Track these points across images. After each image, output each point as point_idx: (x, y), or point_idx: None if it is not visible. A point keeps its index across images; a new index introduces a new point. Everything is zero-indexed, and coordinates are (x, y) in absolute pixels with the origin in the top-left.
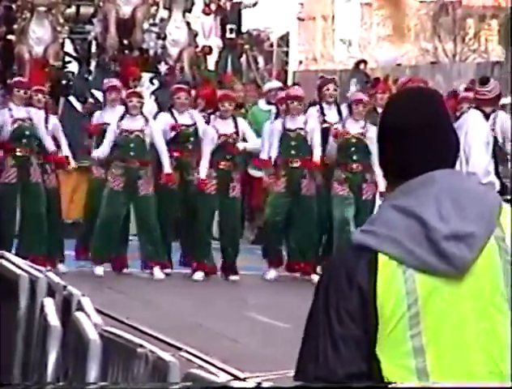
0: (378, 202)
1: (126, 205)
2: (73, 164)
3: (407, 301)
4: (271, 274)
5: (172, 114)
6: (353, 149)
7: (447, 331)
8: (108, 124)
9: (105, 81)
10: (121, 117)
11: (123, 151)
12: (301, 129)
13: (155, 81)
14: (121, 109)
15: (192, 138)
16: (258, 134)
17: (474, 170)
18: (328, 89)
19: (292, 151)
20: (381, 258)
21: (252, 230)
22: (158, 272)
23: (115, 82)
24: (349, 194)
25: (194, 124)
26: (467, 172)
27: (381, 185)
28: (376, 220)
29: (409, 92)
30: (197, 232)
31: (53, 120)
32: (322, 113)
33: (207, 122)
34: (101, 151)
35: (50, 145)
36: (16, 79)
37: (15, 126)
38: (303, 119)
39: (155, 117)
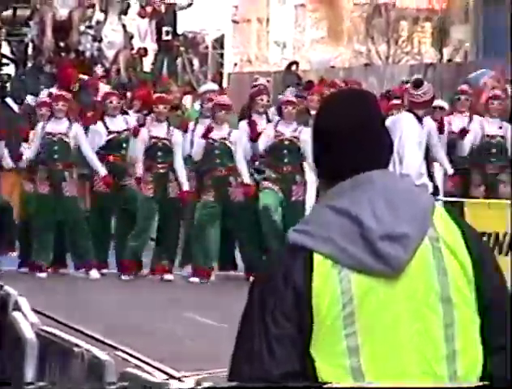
0: (309, 203)
1: (54, 208)
2: (10, 164)
3: (342, 300)
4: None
5: (103, 121)
6: (285, 151)
7: (382, 332)
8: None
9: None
10: (48, 120)
11: (47, 154)
12: (225, 139)
13: None
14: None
15: (125, 144)
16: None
17: (407, 171)
18: (262, 100)
19: (217, 160)
20: (317, 257)
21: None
22: (94, 273)
23: (45, 98)
24: (278, 192)
25: (128, 129)
26: (400, 173)
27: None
28: (310, 220)
29: (341, 95)
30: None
31: None
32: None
33: (143, 124)
34: (29, 154)
35: None
36: None
37: None
38: (228, 130)
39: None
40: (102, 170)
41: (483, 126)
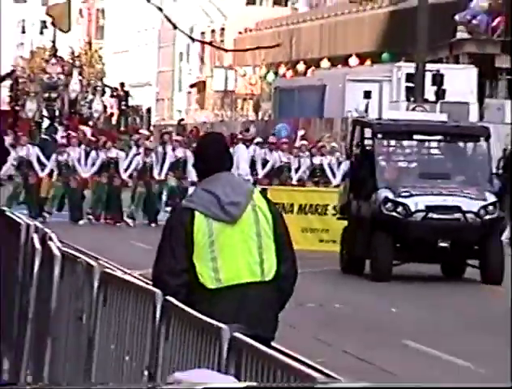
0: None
1: None
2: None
3: (208, 233)
4: None
5: None
6: None
7: (227, 249)
8: None
9: None
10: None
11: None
12: None
13: None
14: None
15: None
16: None
17: (241, 173)
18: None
19: None
20: (196, 213)
21: None
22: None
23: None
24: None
25: None
26: (237, 173)
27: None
28: (193, 195)
29: (209, 136)
30: None
31: None
32: None
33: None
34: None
35: None
36: None
37: None
38: None
39: None
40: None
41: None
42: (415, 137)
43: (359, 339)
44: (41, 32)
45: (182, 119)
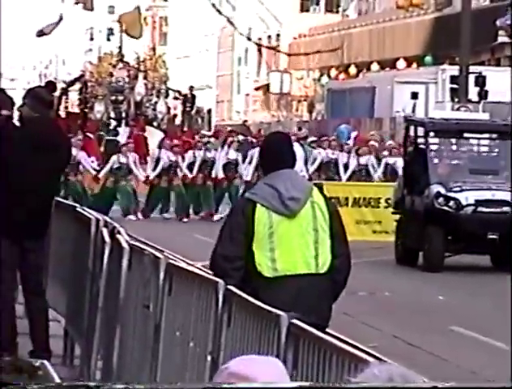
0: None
1: None
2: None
3: (268, 225)
4: None
5: None
6: None
7: (285, 241)
8: None
9: None
10: None
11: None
12: None
13: None
14: None
15: None
16: None
17: (296, 170)
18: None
19: None
20: (258, 205)
21: None
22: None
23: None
24: None
25: None
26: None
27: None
28: (256, 189)
29: (274, 134)
30: None
31: None
32: None
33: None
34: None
35: None
36: None
37: None
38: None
39: None
40: None
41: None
42: (465, 135)
43: (408, 325)
44: (108, 39)
45: (246, 120)
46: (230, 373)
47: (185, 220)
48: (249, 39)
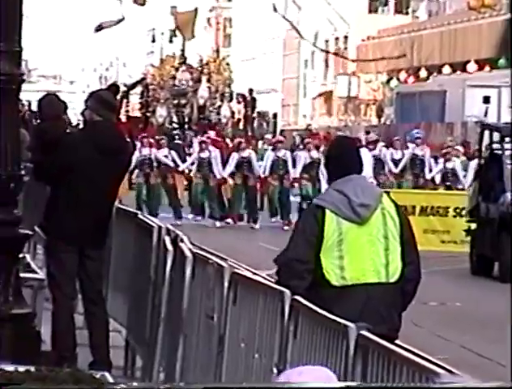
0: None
1: None
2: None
3: (337, 232)
4: None
5: None
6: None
7: (354, 249)
8: None
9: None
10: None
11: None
12: None
13: None
14: None
15: None
16: None
17: (365, 175)
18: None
19: None
20: (327, 211)
21: None
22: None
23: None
24: None
25: None
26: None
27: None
28: (325, 195)
29: (339, 139)
30: None
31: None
32: None
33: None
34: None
35: None
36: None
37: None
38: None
39: None
40: None
41: None
42: None
43: (479, 336)
44: (171, 41)
45: (309, 125)
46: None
47: (256, 226)
48: (314, 45)
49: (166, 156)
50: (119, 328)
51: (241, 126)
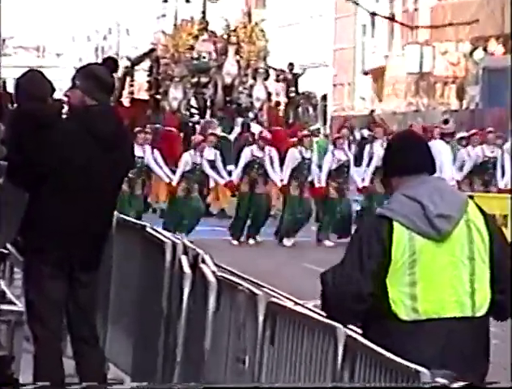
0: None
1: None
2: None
3: (408, 252)
4: None
5: None
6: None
7: (431, 273)
8: None
9: None
10: None
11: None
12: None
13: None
14: None
15: None
16: None
17: (444, 177)
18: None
19: None
20: (396, 224)
21: None
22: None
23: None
24: None
25: None
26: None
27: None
28: (391, 202)
29: (405, 133)
30: None
31: None
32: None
33: None
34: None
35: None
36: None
37: None
38: None
39: None
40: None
41: None
42: None
43: None
44: (187, 0)
45: (373, 110)
46: None
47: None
48: (374, 14)
49: (212, 161)
50: (121, 376)
51: (280, 111)
